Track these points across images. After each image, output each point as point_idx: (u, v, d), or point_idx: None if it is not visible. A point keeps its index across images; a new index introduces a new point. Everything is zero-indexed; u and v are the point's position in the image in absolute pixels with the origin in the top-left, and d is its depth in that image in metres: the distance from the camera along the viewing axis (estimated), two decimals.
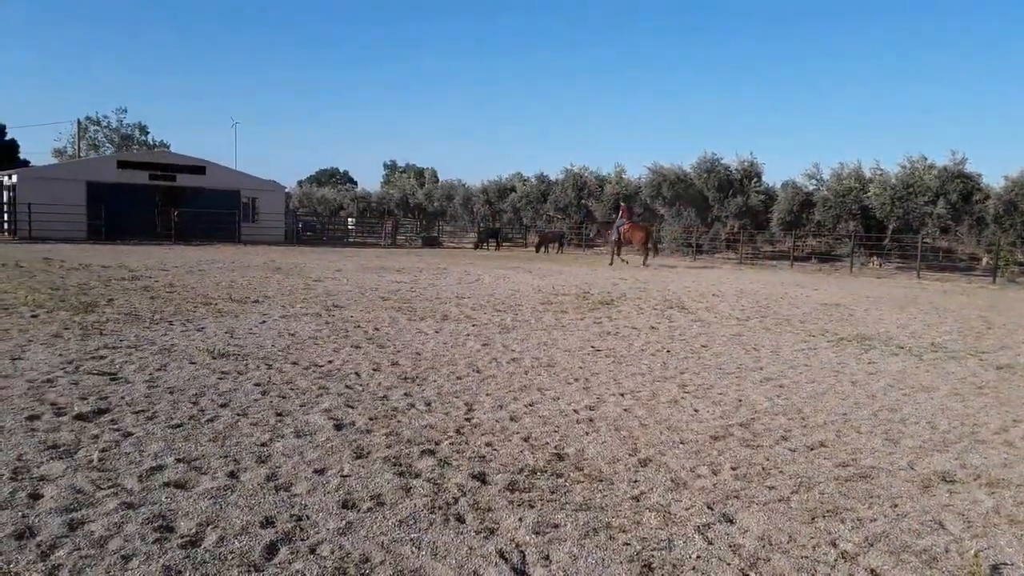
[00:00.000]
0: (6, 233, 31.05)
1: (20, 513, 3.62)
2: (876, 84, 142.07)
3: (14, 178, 32.44)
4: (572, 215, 40.95)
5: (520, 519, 3.80)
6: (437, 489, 4.18)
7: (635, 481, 4.44)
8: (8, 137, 62.70)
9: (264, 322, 9.88)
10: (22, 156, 62.00)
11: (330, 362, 7.47)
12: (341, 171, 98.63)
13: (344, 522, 3.69)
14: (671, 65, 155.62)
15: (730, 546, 3.61)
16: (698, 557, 3.48)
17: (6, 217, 32.40)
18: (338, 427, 5.26)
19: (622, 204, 30.43)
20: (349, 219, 52.06)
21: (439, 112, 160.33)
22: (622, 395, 6.58)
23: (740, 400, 6.57)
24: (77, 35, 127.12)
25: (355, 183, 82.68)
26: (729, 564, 3.42)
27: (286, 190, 44.61)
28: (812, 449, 5.22)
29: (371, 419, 5.49)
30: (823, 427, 5.79)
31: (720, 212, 34.77)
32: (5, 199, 33.27)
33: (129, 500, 3.83)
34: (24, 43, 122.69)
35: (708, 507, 4.07)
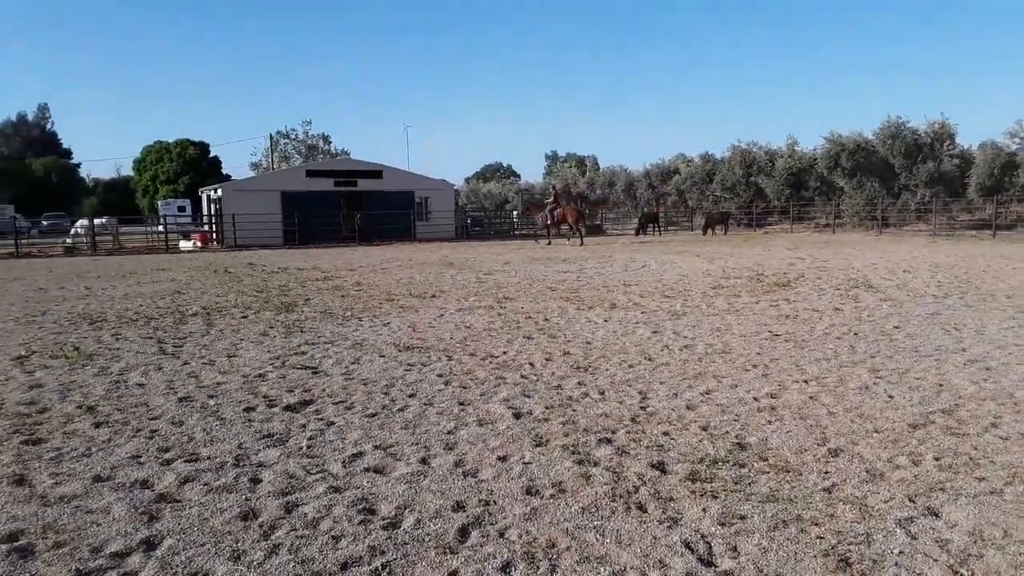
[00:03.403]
0: (215, 242, 34.55)
1: (244, 496, 4.05)
2: None
3: (219, 192, 36.07)
4: (741, 194, 39.32)
5: (704, 509, 3.76)
6: (616, 478, 4.22)
7: (826, 472, 4.24)
8: (212, 155, 69.82)
9: (442, 316, 10.36)
10: (224, 171, 68.86)
11: (505, 353, 7.72)
12: (504, 165, 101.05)
13: (529, 508, 3.82)
14: (842, 28, 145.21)
15: (936, 541, 3.37)
16: (900, 552, 3.27)
17: (214, 227, 36.05)
18: (517, 416, 5.43)
19: (552, 188, 34.11)
20: (514, 212, 53.12)
21: (598, 99, 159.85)
22: (806, 382, 6.28)
23: (941, 385, 6.06)
24: (262, 56, 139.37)
25: (518, 176, 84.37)
26: (936, 560, 3.20)
27: (455, 188, 46.24)
28: None
29: (547, 408, 5.63)
30: None
31: (908, 180, 32.03)
32: (213, 211, 37.04)
33: (335, 484, 4.19)
34: (218, 71, 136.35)
35: (910, 500, 3.82)
